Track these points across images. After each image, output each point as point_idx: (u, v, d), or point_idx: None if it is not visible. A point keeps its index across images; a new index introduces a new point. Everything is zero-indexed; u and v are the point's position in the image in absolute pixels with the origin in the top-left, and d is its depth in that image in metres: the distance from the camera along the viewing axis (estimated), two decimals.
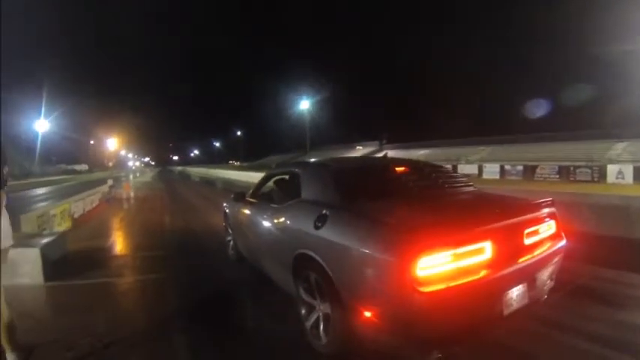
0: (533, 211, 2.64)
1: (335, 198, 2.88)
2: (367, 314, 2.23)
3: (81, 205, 10.41)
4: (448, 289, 2.01)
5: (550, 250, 2.65)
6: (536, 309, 2.78)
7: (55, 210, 8.06)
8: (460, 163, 33.22)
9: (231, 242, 5.25)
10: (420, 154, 41.10)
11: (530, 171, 26.67)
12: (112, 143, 72.20)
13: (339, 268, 2.43)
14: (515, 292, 2.36)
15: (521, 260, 2.39)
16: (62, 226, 8.01)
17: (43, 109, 48.39)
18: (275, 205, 3.65)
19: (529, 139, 34.20)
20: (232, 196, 5.01)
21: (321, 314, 2.67)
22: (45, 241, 5.06)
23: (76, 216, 9.49)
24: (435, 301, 1.99)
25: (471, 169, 31.04)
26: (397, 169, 3.47)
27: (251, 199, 4.44)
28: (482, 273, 2.16)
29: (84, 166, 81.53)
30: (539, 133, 34.18)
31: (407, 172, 3.44)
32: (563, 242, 2.81)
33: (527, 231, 2.51)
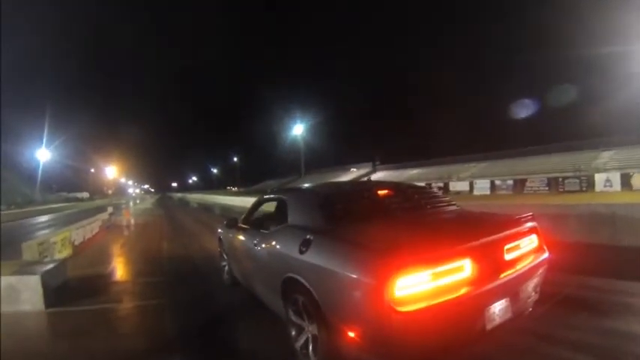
0: (512, 227, 2.72)
1: (318, 222, 3.00)
2: (351, 334, 2.28)
3: (81, 232, 10.51)
4: (427, 307, 2.06)
5: (532, 264, 2.72)
6: (521, 322, 2.85)
7: (55, 238, 8.16)
8: (452, 181, 33.91)
9: (226, 267, 5.35)
10: (412, 173, 42.12)
11: (519, 185, 27.11)
12: (112, 171, 72.72)
13: (323, 290, 2.51)
14: (498, 307, 2.42)
15: (502, 275, 2.45)
16: (63, 253, 8.10)
17: (44, 139, 49.12)
18: (264, 231, 3.77)
19: (518, 153, 35.27)
20: (225, 222, 5.14)
21: (309, 335, 2.73)
22: (46, 268, 5.17)
23: (76, 243, 9.58)
24: (414, 320, 2.05)
25: (463, 185, 31.69)
26: (380, 192, 3.60)
27: (243, 225, 4.54)
28: (463, 290, 2.23)
29: (85, 194, 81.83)
30: (527, 147, 35.14)
31: (389, 195, 3.56)
32: (545, 255, 2.89)
33: (507, 246, 2.58)
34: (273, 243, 3.39)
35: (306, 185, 4.66)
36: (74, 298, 5.12)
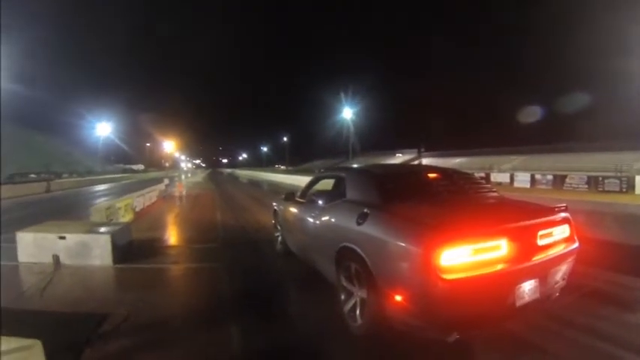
0: (547, 215, 2.91)
1: (375, 199, 3.25)
2: (398, 298, 2.54)
3: (141, 200, 11.28)
4: (468, 278, 2.32)
5: (562, 252, 2.88)
6: (550, 308, 3.09)
7: (120, 203, 8.85)
8: (493, 172, 33.37)
9: (280, 237, 5.67)
10: (455, 162, 42.02)
11: (559, 180, 26.45)
12: (169, 146, 76.40)
13: (376, 258, 2.77)
14: (527, 287, 2.61)
15: (534, 258, 2.65)
16: (126, 217, 8.78)
17: (105, 115, 52.34)
18: (322, 204, 4.03)
19: (559, 149, 34.93)
20: (283, 196, 5.44)
21: (358, 299, 3.01)
22: (115, 229, 5.64)
23: (137, 210, 10.31)
24: (455, 288, 2.30)
25: (503, 177, 31.17)
26: (429, 175, 3.84)
27: (300, 199, 4.86)
28: (498, 266, 2.46)
29: (140, 166, 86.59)
30: (570, 143, 34.81)
31: (437, 178, 3.77)
32: (575, 245, 3.04)
33: (540, 232, 2.75)
34: (331, 215, 3.67)
35: (363, 165, 4.97)
36: (138, 257, 5.64)
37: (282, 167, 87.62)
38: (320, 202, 4.14)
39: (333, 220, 3.60)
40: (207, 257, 5.80)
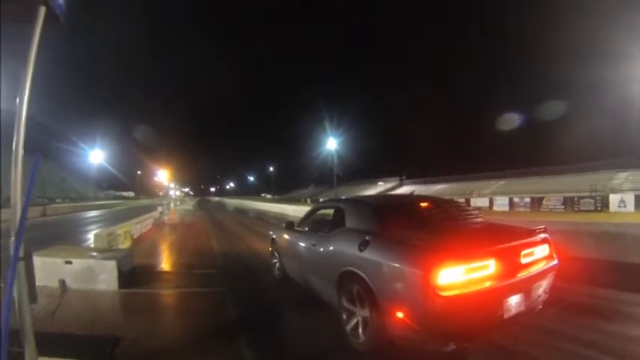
0: (528, 237, 3.29)
1: (374, 227, 3.60)
2: (400, 315, 2.85)
3: (138, 227, 11.43)
4: (462, 294, 2.65)
5: (544, 268, 3.27)
6: (534, 319, 3.44)
7: (119, 230, 9.00)
8: (473, 197, 34.56)
9: (277, 264, 5.93)
10: (437, 188, 43.29)
11: (537, 203, 27.59)
12: (162, 175, 76.67)
13: (378, 280, 3.09)
14: (514, 300, 2.96)
15: (519, 275, 3.02)
16: (125, 244, 8.93)
17: (98, 142, 52.49)
18: (322, 233, 4.36)
19: (538, 172, 36.13)
20: (283, 225, 5.85)
21: (360, 318, 3.29)
22: (119, 255, 5.82)
23: (134, 237, 10.42)
24: (451, 303, 2.62)
25: (483, 201, 32.32)
26: (421, 204, 4.23)
27: (299, 228, 5.24)
28: (488, 283, 2.81)
29: (131, 193, 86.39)
30: (545, 167, 35.99)
31: (429, 207, 4.18)
32: (554, 262, 3.45)
33: (524, 252, 3.14)
34: (333, 242, 3.98)
35: (360, 197, 5.34)
36: (141, 282, 5.82)
37: (268, 196, 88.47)
38: (320, 230, 4.47)
39: (334, 246, 3.89)
40: (209, 282, 5.98)
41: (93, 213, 28.79)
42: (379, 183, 57.74)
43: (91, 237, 10.14)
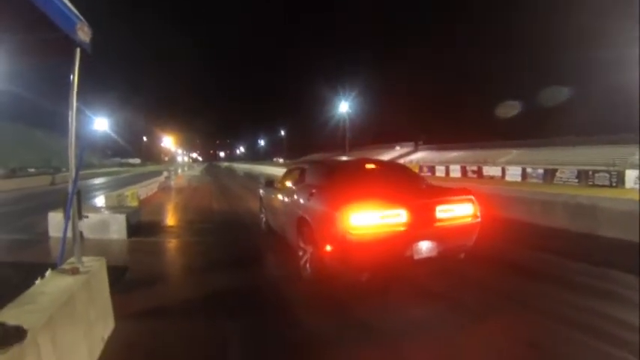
0: (448, 196, 3.99)
1: (321, 182, 4.49)
2: (328, 248, 3.65)
3: (145, 190, 12.52)
4: (370, 234, 3.41)
5: (462, 223, 3.87)
6: (455, 266, 4.18)
7: (127, 192, 10.09)
8: (486, 165, 32.96)
9: (264, 218, 6.92)
10: (450, 155, 41.65)
11: (550, 174, 25.78)
12: (167, 141, 76.96)
13: (316, 222, 3.96)
14: (425, 246, 3.62)
15: (432, 225, 3.67)
16: (132, 204, 9.97)
17: (101, 109, 52.93)
18: (289, 189, 5.28)
19: (556, 142, 33.77)
20: (264, 182, 6.91)
21: (308, 254, 4.18)
22: (128, 210, 6.86)
23: (141, 198, 11.52)
24: (361, 240, 3.38)
25: (496, 171, 30.65)
26: (367, 165, 5.01)
27: (277, 185, 6.16)
28: (398, 228, 3.52)
29: (137, 160, 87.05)
30: (569, 136, 33.56)
31: (374, 169, 4.96)
32: (477, 220, 3.95)
33: (440, 208, 3.75)
34: (294, 194, 4.88)
35: (319, 159, 6.34)
36: (146, 233, 6.92)
37: (280, 160, 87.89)
38: (289, 186, 5.39)
39: (295, 198, 4.78)
40: (204, 234, 7.04)
41: (99, 180, 29.58)
42: (396, 147, 57.01)
43: (100, 201, 11.25)
